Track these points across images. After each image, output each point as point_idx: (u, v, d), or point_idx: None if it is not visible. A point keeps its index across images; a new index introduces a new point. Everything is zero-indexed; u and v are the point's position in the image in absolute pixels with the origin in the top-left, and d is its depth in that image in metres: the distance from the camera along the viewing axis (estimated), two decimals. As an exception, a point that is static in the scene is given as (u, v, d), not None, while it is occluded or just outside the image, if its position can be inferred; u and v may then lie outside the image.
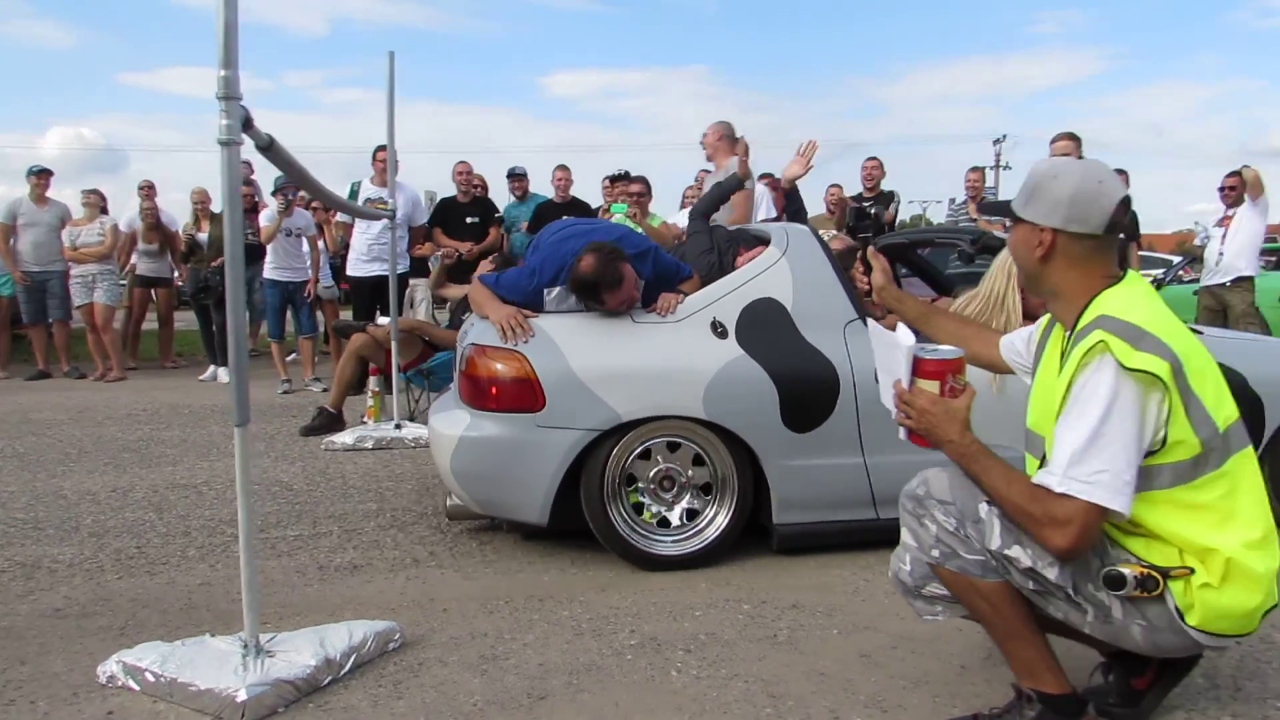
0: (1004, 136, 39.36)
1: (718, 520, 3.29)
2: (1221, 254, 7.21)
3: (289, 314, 8.04)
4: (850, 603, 2.91)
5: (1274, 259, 9.80)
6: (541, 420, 3.11)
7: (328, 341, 9.24)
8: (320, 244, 8.80)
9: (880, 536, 3.32)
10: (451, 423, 3.26)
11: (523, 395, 3.12)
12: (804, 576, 3.15)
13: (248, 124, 2.21)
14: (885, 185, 8.02)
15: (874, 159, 8.09)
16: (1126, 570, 1.79)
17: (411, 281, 7.79)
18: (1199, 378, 1.79)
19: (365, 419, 5.71)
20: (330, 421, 5.72)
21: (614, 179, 7.71)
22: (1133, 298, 1.87)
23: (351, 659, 2.37)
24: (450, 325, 6.24)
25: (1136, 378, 1.73)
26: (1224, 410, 1.83)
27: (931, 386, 1.92)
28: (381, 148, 7.17)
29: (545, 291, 3.42)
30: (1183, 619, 1.81)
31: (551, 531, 3.30)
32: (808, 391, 3.25)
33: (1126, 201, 1.89)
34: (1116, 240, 1.93)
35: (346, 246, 7.73)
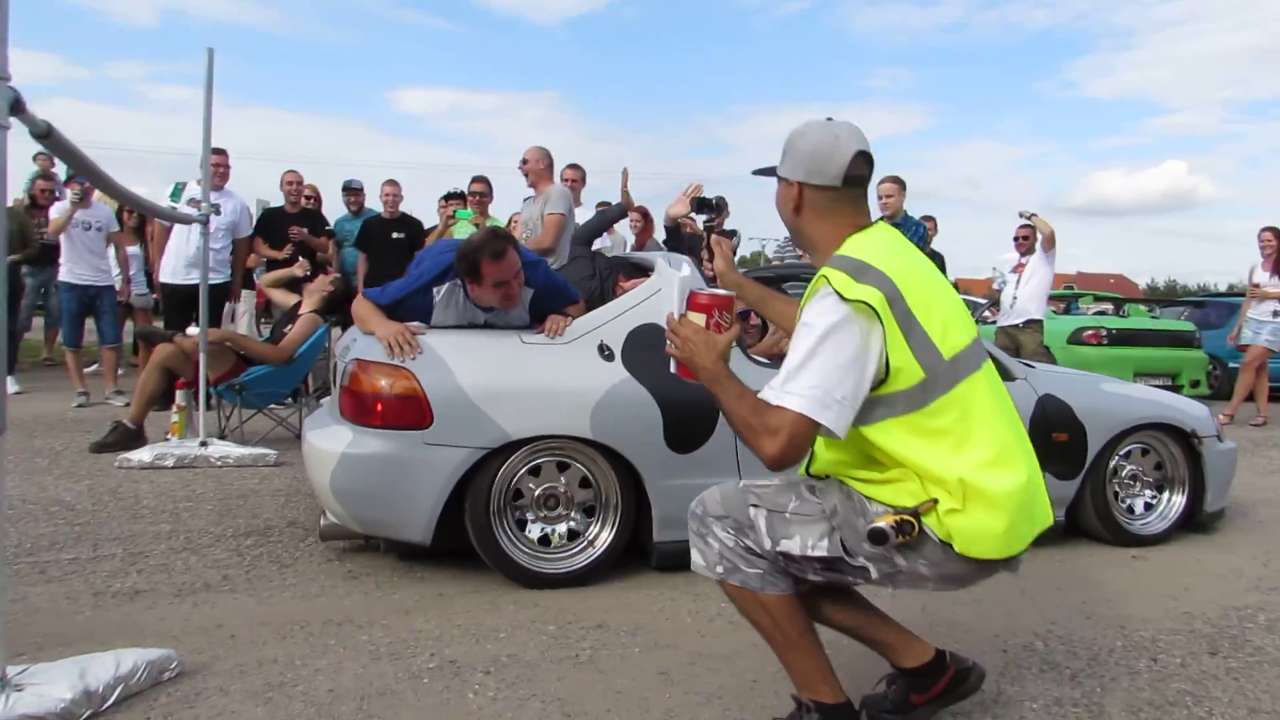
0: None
1: (601, 538, 3.34)
2: (1015, 298, 7.83)
3: (92, 322, 7.46)
4: (655, 621, 2.95)
5: (1063, 305, 10.74)
6: (429, 437, 3.09)
7: (136, 352, 8.65)
8: (135, 248, 8.25)
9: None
10: (331, 438, 3.18)
11: (410, 412, 3.09)
12: (612, 597, 3.17)
13: (18, 107, 2.05)
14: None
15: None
16: (883, 523, 1.87)
17: (246, 294, 7.45)
18: (924, 309, 1.90)
19: (168, 435, 5.36)
20: (127, 438, 5.32)
21: (448, 197, 7.63)
22: (869, 240, 1.98)
23: (117, 690, 2.20)
24: (272, 338, 5.97)
25: (855, 307, 1.83)
26: (951, 340, 1.92)
27: (699, 319, 2.03)
28: (211, 151, 6.83)
29: (434, 290, 3.40)
30: (952, 548, 1.90)
31: (430, 551, 3.27)
32: (690, 414, 3.33)
33: (864, 156, 2.01)
34: (861, 194, 2.05)
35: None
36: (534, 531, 3.30)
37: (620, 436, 3.26)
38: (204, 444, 5.12)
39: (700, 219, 2.32)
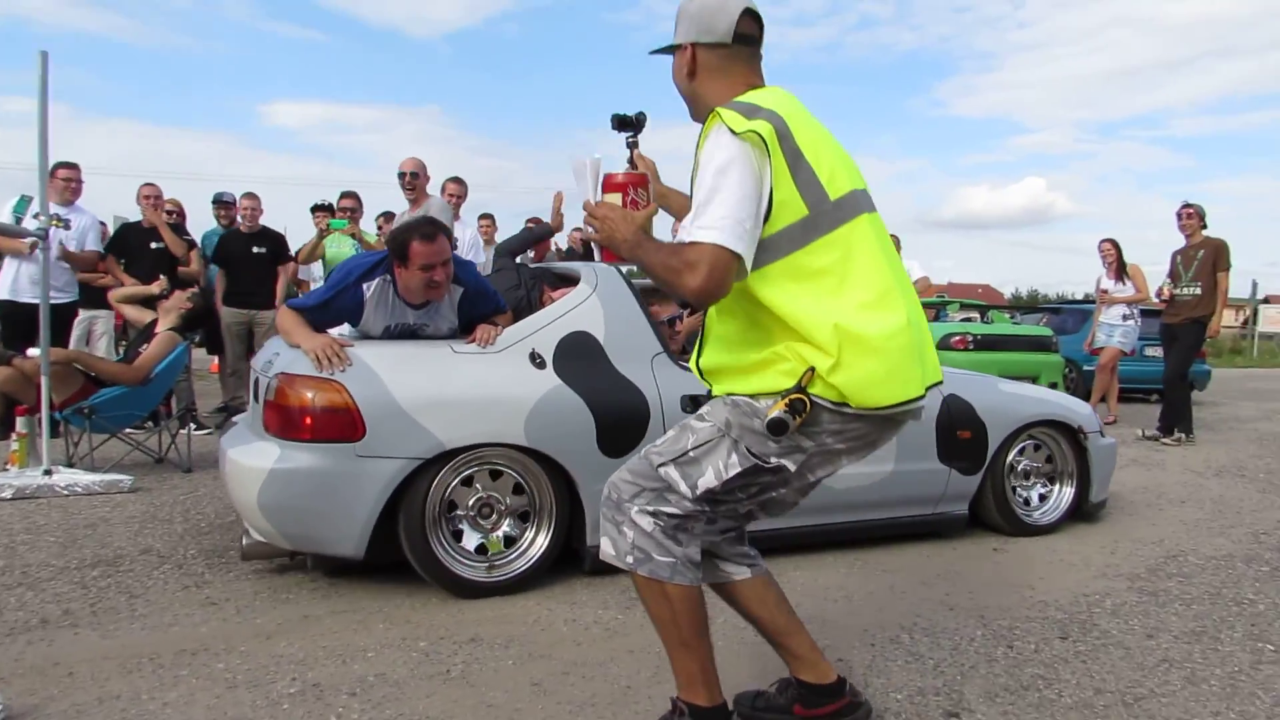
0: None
1: (537, 544, 3.36)
2: None
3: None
4: (529, 632, 2.91)
5: (932, 312, 11.20)
6: (361, 449, 3.06)
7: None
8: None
9: None
10: (257, 454, 3.11)
11: (341, 424, 3.05)
12: (487, 609, 3.11)
13: None
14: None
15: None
16: (777, 411, 1.88)
17: (85, 312, 6.98)
18: (811, 149, 1.92)
19: (8, 465, 4.98)
20: (-37, 469, 4.92)
21: (316, 209, 7.40)
22: (762, 93, 1.99)
23: (-66, 737, 2.02)
24: (127, 357, 5.63)
25: (746, 137, 1.83)
26: (838, 183, 1.95)
27: (616, 198, 2.04)
28: (61, 165, 6.41)
29: (363, 286, 3.37)
30: (848, 407, 1.90)
31: (363, 566, 3.25)
32: (621, 419, 3.40)
33: (751, 14, 2.04)
34: (753, 53, 2.07)
35: None
36: (471, 541, 3.30)
37: (554, 443, 3.29)
38: (48, 472, 4.78)
39: (623, 136, 2.33)
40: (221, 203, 7.83)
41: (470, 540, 3.30)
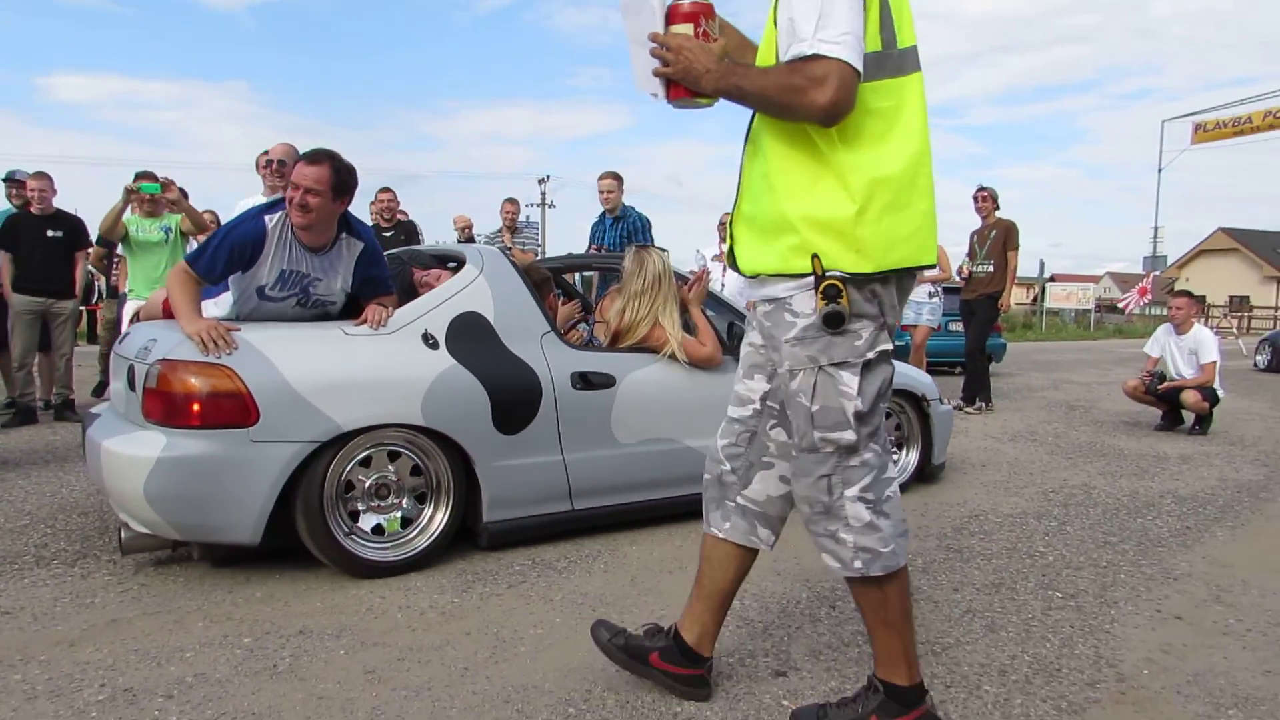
0: (548, 176, 41.92)
1: (435, 521, 3.37)
2: (724, 285, 8.34)
3: None
4: (362, 621, 2.83)
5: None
6: (256, 434, 2.99)
7: None
8: None
9: (576, 526, 3.71)
10: (140, 444, 2.98)
11: (233, 410, 2.97)
12: (316, 600, 3.00)
13: None
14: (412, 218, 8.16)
15: (387, 190, 7.98)
16: (824, 305, 1.90)
17: None
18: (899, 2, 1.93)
19: None
20: None
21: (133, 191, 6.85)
22: None
23: None
24: None
25: None
26: (905, 34, 1.94)
27: (686, 29, 1.94)
28: None
29: (266, 218, 3.26)
30: (869, 274, 1.91)
31: (249, 554, 3.19)
32: (516, 397, 3.48)
33: None
34: None
35: None
36: (367, 522, 3.27)
37: (451, 422, 3.32)
38: None
39: None
40: (13, 180, 7.11)
41: (367, 521, 3.27)
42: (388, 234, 7.60)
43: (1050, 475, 5.39)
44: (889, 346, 2.02)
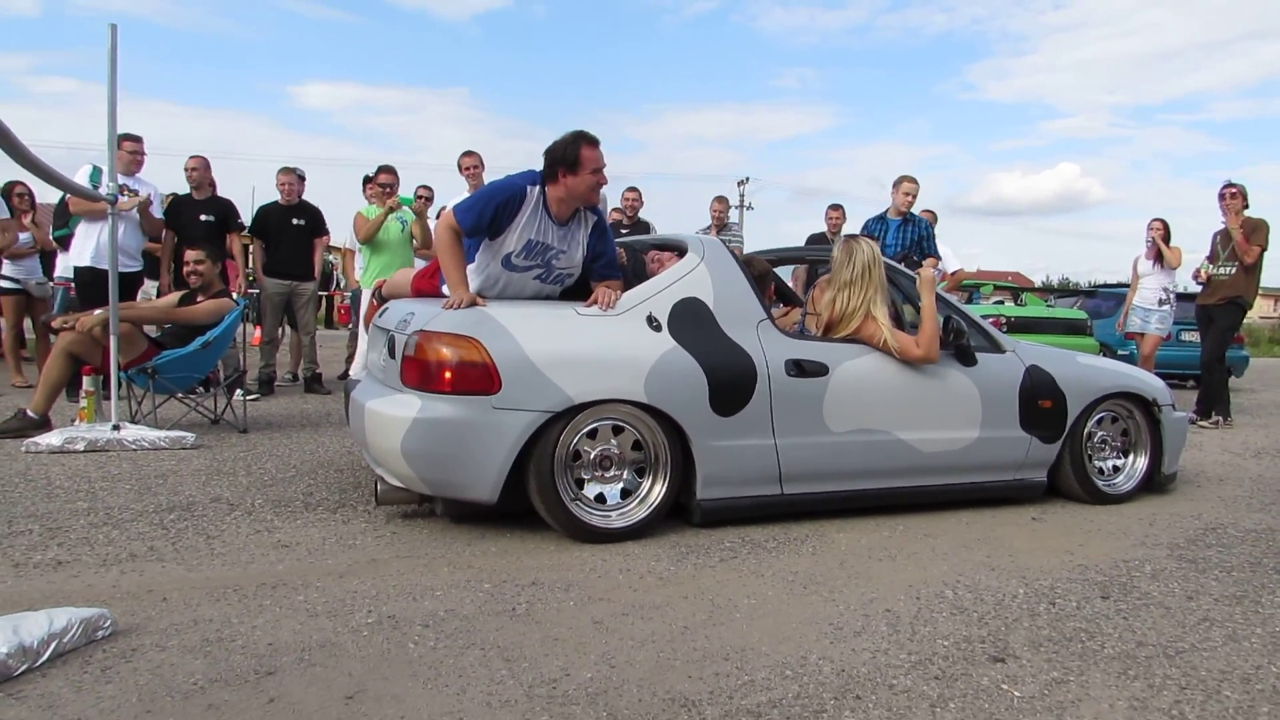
0: (747, 179, 42.05)
1: (654, 493, 3.57)
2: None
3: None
4: (587, 579, 3.04)
5: (965, 295, 11.22)
6: (497, 402, 3.25)
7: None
8: (27, 235, 7.93)
9: (784, 511, 3.83)
10: (400, 405, 3.31)
11: (478, 379, 3.24)
12: (543, 558, 3.25)
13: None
14: (642, 215, 8.51)
15: (634, 189, 8.55)
16: None
17: (149, 282, 7.27)
18: None
19: (76, 421, 5.20)
20: (31, 426, 5.12)
21: (370, 179, 7.60)
22: None
23: (51, 646, 2.18)
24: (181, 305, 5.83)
25: None
26: None
27: None
28: (126, 137, 6.58)
29: (530, 189, 3.61)
30: None
31: (496, 512, 3.49)
32: (731, 380, 3.61)
33: None
34: None
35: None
36: (591, 490, 3.50)
37: (671, 401, 3.49)
38: (116, 428, 4.98)
39: None
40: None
41: (591, 490, 3.50)
42: (626, 230, 8.01)
43: (1301, 494, 4.93)
44: None
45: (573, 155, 3.54)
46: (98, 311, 5.40)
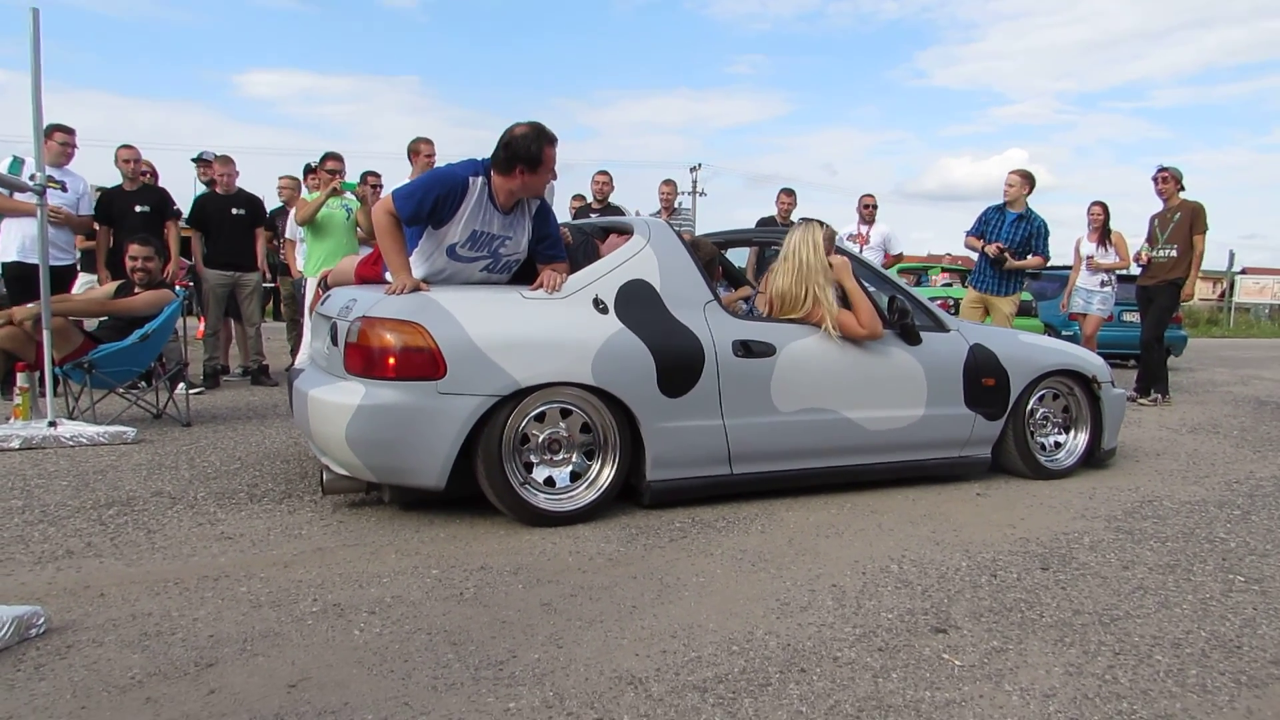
0: (700, 165, 42.13)
1: (603, 476, 3.58)
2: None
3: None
4: (536, 561, 3.04)
5: (914, 277, 11.39)
6: (443, 387, 3.23)
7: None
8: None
9: (734, 491, 3.84)
10: (343, 392, 3.27)
11: (423, 364, 3.22)
12: (492, 543, 3.24)
13: None
14: (612, 200, 8.51)
15: (604, 173, 8.53)
16: None
17: (84, 276, 7.07)
18: None
19: (10, 419, 5.06)
20: (-36, 423, 4.98)
21: (311, 170, 7.47)
22: None
23: (-19, 644, 2.12)
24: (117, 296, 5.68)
25: None
26: None
27: None
28: (57, 128, 6.39)
29: (471, 180, 3.52)
30: None
31: (444, 498, 3.47)
32: (679, 361, 3.63)
33: None
34: None
35: None
36: (540, 473, 3.50)
37: (619, 383, 3.49)
38: (53, 424, 4.86)
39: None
40: (203, 161, 7.87)
41: (540, 473, 3.50)
42: (596, 214, 8.00)
43: (1235, 466, 5.09)
44: None
45: (536, 154, 3.47)
46: (30, 305, 5.26)
